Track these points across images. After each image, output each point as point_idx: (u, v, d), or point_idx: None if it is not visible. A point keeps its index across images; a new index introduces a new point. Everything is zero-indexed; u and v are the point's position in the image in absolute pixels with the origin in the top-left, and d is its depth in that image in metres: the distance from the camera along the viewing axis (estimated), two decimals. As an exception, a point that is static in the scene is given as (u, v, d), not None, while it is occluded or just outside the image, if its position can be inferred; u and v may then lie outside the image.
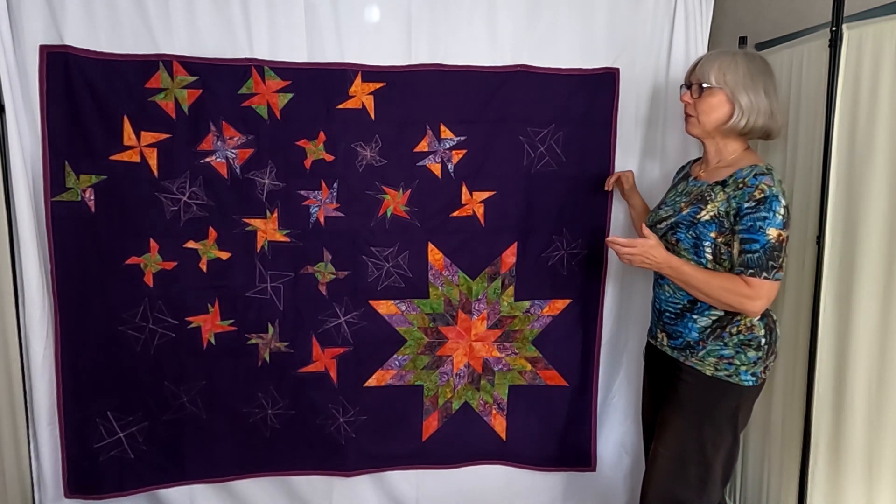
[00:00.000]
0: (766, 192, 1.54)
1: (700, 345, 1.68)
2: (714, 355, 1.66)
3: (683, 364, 1.71)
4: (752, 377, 1.65)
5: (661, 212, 1.80)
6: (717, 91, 1.64)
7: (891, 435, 1.62)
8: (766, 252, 1.53)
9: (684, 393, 1.70)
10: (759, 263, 1.54)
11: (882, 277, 1.62)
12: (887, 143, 1.59)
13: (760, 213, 1.53)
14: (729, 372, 1.65)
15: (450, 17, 2.12)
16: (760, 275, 1.54)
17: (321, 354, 2.24)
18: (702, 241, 1.63)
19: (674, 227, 1.69)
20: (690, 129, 1.73)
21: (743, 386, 1.65)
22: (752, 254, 1.55)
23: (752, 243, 1.55)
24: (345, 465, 2.30)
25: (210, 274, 2.14)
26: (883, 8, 1.62)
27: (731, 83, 1.62)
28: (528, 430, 2.37)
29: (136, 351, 2.14)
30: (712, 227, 1.61)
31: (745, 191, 1.56)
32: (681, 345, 1.72)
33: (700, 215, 1.64)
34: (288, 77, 2.08)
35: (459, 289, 2.27)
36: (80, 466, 2.18)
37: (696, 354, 1.68)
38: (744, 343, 1.64)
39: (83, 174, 2.04)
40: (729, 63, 1.63)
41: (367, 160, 2.16)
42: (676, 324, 1.73)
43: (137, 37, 2.00)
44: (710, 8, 2.17)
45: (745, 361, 1.64)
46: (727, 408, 1.66)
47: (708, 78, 1.65)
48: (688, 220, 1.66)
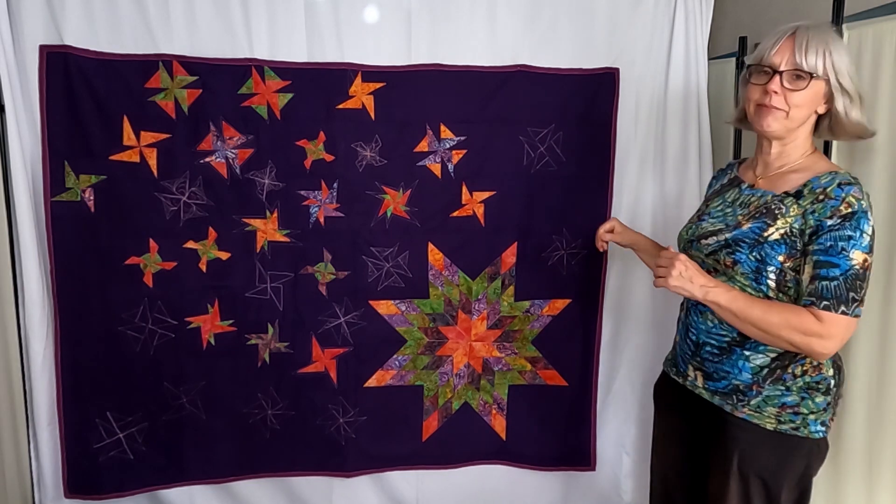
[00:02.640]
0: (853, 207, 1.26)
1: (753, 389, 1.37)
2: (773, 404, 1.36)
3: (731, 416, 1.39)
4: (822, 427, 1.36)
5: (704, 224, 1.49)
6: (817, 82, 1.32)
7: (891, 435, 1.62)
8: (847, 280, 1.24)
9: (740, 454, 1.37)
10: (838, 294, 1.24)
11: (882, 277, 1.62)
12: (887, 142, 1.59)
13: (845, 231, 1.25)
14: (796, 424, 1.35)
15: (450, 17, 2.11)
16: (837, 308, 1.24)
17: (321, 355, 2.24)
18: (766, 264, 1.33)
19: (730, 245, 1.38)
20: (772, 123, 1.36)
21: (813, 439, 1.35)
22: (830, 281, 1.25)
23: (830, 268, 1.25)
24: (345, 466, 2.30)
25: (210, 274, 2.14)
26: (883, 8, 1.62)
27: (839, 68, 1.31)
28: (528, 429, 2.37)
29: (135, 351, 2.14)
30: (781, 249, 1.32)
31: (828, 204, 1.27)
32: (725, 388, 1.41)
33: (767, 233, 1.33)
34: (288, 77, 2.07)
35: (459, 289, 2.27)
36: (80, 467, 2.17)
37: (749, 402, 1.37)
38: (811, 387, 1.35)
39: (83, 174, 2.04)
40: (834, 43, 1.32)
41: (367, 160, 2.16)
42: (721, 362, 1.41)
43: (137, 37, 2.00)
44: (710, 8, 2.18)
45: (813, 409, 1.35)
46: (797, 467, 1.36)
47: (815, 64, 1.30)
48: (751, 237, 1.35)
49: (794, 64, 1.32)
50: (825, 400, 1.36)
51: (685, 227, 1.58)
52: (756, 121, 1.40)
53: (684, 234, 1.56)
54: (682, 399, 1.54)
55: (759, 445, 1.36)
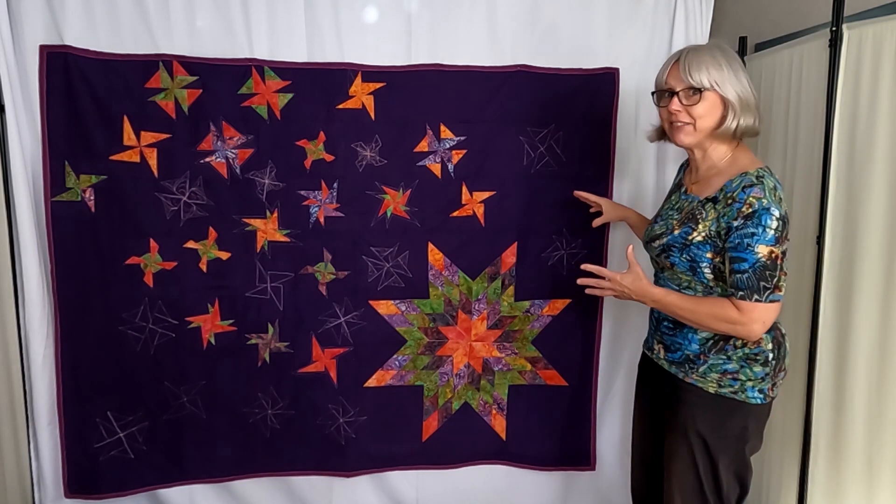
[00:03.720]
0: (754, 206, 1.40)
1: (701, 358, 1.54)
2: (717, 370, 1.53)
3: (683, 381, 1.57)
4: (759, 394, 1.52)
5: (655, 227, 1.67)
6: (708, 93, 1.48)
7: (891, 435, 1.62)
8: (755, 272, 1.40)
9: (687, 415, 1.55)
10: (749, 285, 1.41)
11: (882, 277, 1.62)
12: (887, 143, 1.59)
13: (748, 229, 1.40)
14: (734, 388, 1.51)
15: (450, 17, 2.12)
16: (751, 297, 1.41)
17: (321, 354, 2.24)
18: (698, 262, 1.51)
19: (666, 249, 1.57)
20: (685, 138, 1.54)
21: (750, 404, 1.51)
22: (741, 274, 1.42)
23: (740, 262, 1.42)
24: (345, 466, 2.30)
25: (210, 274, 2.14)
26: (883, 8, 1.62)
27: (720, 82, 1.48)
28: (528, 430, 2.37)
29: (136, 351, 2.14)
30: (706, 248, 1.49)
31: (734, 207, 1.42)
32: (679, 358, 1.59)
33: (692, 236, 1.51)
34: (288, 77, 2.08)
35: (459, 289, 2.27)
36: (80, 466, 2.18)
37: (697, 370, 1.55)
38: (749, 357, 1.51)
39: (83, 174, 2.04)
40: (711, 60, 1.49)
41: (367, 160, 2.16)
42: (675, 335, 1.61)
43: (137, 37, 2.00)
44: (710, 8, 2.18)
45: (750, 377, 1.51)
46: (735, 427, 1.52)
47: (700, 79, 1.48)
48: (680, 241, 1.54)
49: (684, 83, 1.50)
50: (763, 370, 1.52)
51: (646, 228, 1.75)
52: (672, 137, 1.59)
53: (644, 237, 1.73)
54: (652, 372, 1.72)
55: (702, 406, 1.54)
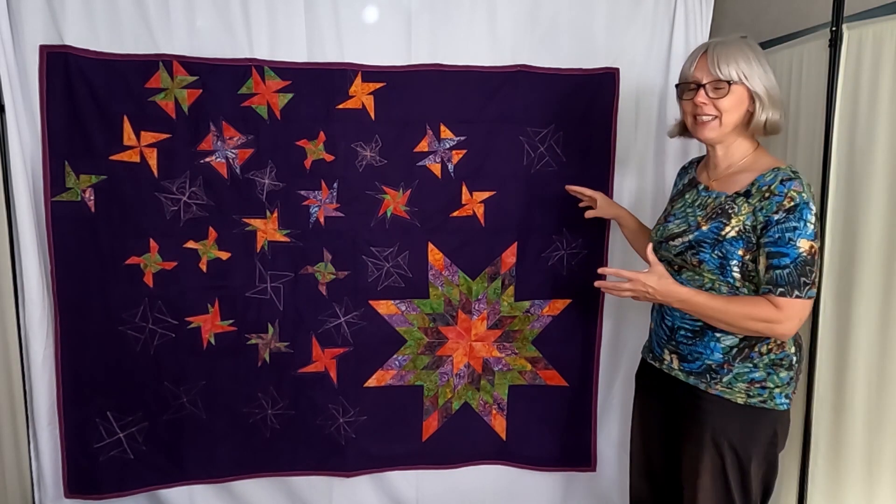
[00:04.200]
0: (796, 200, 1.37)
1: (725, 368, 1.48)
2: (743, 380, 1.47)
3: (705, 392, 1.50)
4: (786, 400, 1.49)
5: (670, 226, 1.60)
6: (737, 87, 1.47)
7: (891, 435, 1.62)
8: (797, 267, 1.37)
9: (713, 427, 1.48)
10: (790, 280, 1.37)
11: (882, 277, 1.62)
12: (887, 143, 1.59)
13: (790, 222, 1.37)
14: (763, 397, 1.47)
15: (450, 17, 2.12)
16: (791, 293, 1.37)
17: (321, 355, 2.24)
18: (728, 260, 1.46)
19: (694, 246, 1.51)
20: (709, 133, 1.52)
21: (778, 410, 1.48)
22: (782, 269, 1.37)
23: (780, 258, 1.38)
24: (345, 466, 2.30)
25: (210, 274, 2.14)
26: (883, 8, 1.62)
27: (748, 75, 1.46)
28: (528, 430, 2.37)
29: (135, 351, 2.14)
30: (739, 245, 1.45)
31: (774, 200, 1.39)
32: (699, 369, 1.52)
33: (724, 232, 1.46)
34: (288, 77, 2.08)
35: (459, 289, 2.27)
36: (80, 466, 2.18)
37: (721, 380, 1.49)
38: (775, 363, 1.47)
39: (83, 174, 2.04)
40: (740, 53, 1.46)
41: (367, 160, 2.16)
42: (695, 344, 1.53)
43: (137, 37, 2.00)
44: (710, 8, 2.18)
45: (778, 383, 1.47)
46: (765, 437, 1.48)
47: (728, 73, 1.46)
48: (711, 237, 1.48)
49: (712, 75, 1.48)
50: (788, 375, 1.49)
51: (654, 227, 1.70)
52: (695, 132, 1.56)
53: (654, 235, 1.67)
54: (658, 381, 1.65)
55: (730, 418, 1.48)
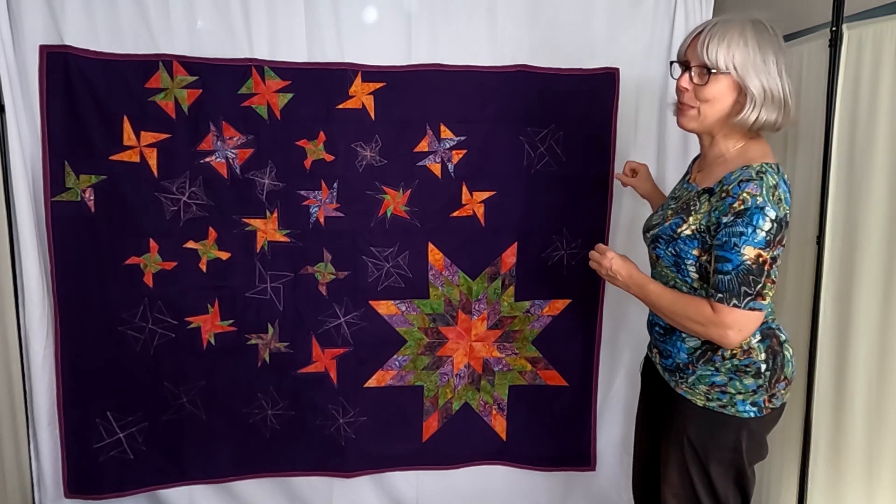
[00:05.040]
0: (747, 204, 1.27)
1: (689, 368, 1.45)
2: (705, 382, 1.43)
3: (674, 391, 1.49)
4: (752, 407, 1.41)
5: (653, 218, 1.56)
6: (723, 76, 1.33)
7: (891, 435, 1.62)
8: (738, 275, 1.28)
9: (679, 426, 1.47)
10: (730, 288, 1.29)
11: (882, 277, 1.62)
12: (887, 143, 1.59)
13: (737, 227, 1.27)
14: (723, 402, 1.41)
15: (450, 17, 2.12)
16: (730, 301, 1.29)
17: (321, 355, 2.24)
18: (683, 259, 1.40)
19: (655, 240, 1.47)
20: (686, 122, 1.41)
21: (741, 418, 1.41)
22: (724, 275, 1.30)
23: (724, 262, 1.29)
24: (345, 466, 2.30)
25: (210, 274, 2.14)
26: (883, 8, 1.62)
27: (739, 65, 1.31)
28: (528, 430, 2.37)
29: (135, 351, 2.14)
30: (694, 244, 1.37)
31: (727, 201, 1.30)
32: (671, 366, 1.50)
33: (681, 229, 1.39)
34: (288, 77, 2.07)
35: (459, 289, 2.27)
36: (80, 466, 2.17)
37: (686, 380, 1.46)
38: (738, 369, 1.41)
39: (83, 174, 2.04)
40: (737, 38, 1.31)
41: (367, 160, 2.16)
42: (666, 341, 1.52)
43: (137, 37, 2.00)
44: (710, 8, 2.18)
45: (740, 390, 1.41)
46: (727, 442, 1.43)
47: (714, 59, 1.32)
48: (668, 233, 1.42)
49: (698, 59, 1.35)
50: (755, 382, 1.41)
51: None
52: (676, 118, 1.45)
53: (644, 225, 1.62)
54: (652, 376, 1.64)
55: (691, 419, 1.45)
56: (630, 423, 2.37)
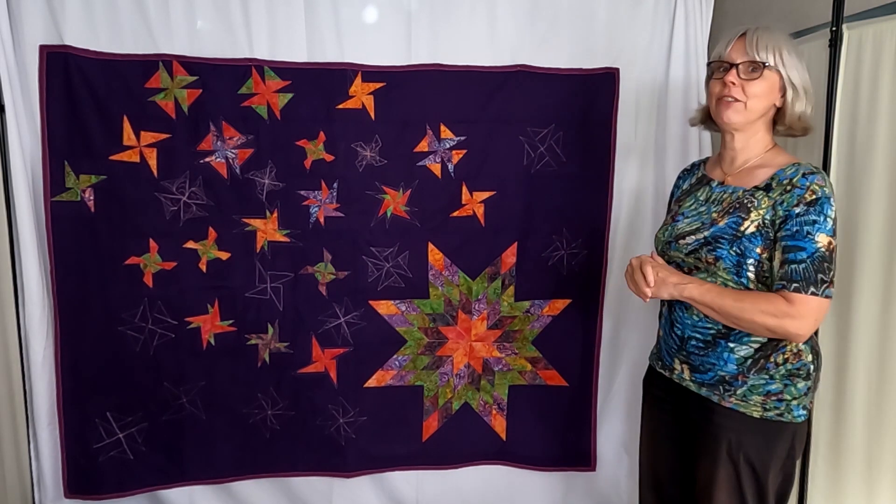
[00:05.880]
0: (817, 194, 1.31)
1: (739, 380, 1.40)
2: (759, 392, 1.39)
3: (718, 405, 1.43)
4: (803, 411, 1.40)
5: (680, 225, 1.52)
6: (770, 73, 1.39)
7: (891, 435, 1.62)
8: (814, 262, 1.29)
9: (729, 442, 1.41)
10: (807, 276, 1.29)
11: (882, 277, 1.62)
12: (887, 143, 1.59)
13: (810, 216, 1.30)
14: (780, 410, 1.39)
15: (450, 17, 2.12)
16: (807, 290, 1.29)
17: (321, 355, 2.24)
18: (745, 258, 1.38)
19: (710, 242, 1.42)
20: (733, 115, 1.42)
21: (796, 423, 1.40)
22: (798, 264, 1.30)
23: (797, 251, 1.30)
24: (345, 466, 2.30)
25: (210, 274, 2.14)
26: (883, 8, 1.62)
27: (787, 63, 1.39)
28: (528, 430, 2.37)
29: (135, 351, 2.14)
30: (758, 241, 1.37)
31: (795, 193, 1.32)
32: (711, 380, 1.44)
33: (743, 226, 1.38)
34: (288, 77, 2.08)
35: (459, 289, 2.27)
36: (80, 467, 2.17)
37: (735, 392, 1.41)
38: (792, 374, 1.39)
39: (83, 174, 2.04)
40: (781, 39, 1.40)
41: (367, 160, 2.15)
42: (707, 354, 1.45)
43: (137, 37, 2.00)
44: (710, 8, 2.18)
45: (795, 395, 1.39)
46: (782, 450, 1.40)
47: (766, 56, 1.38)
48: (729, 233, 1.40)
49: (748, 56, 1.40)
50: (806, 385, 1.41)
51: (660, 229, 1.62)
52: (718, 114, 1.46)
53: (661, 236, 1.59)
54: (669, 391, 1.57)
55: (746, 433, 1.40)
56: (630, 422, 2.38)
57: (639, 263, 1.46)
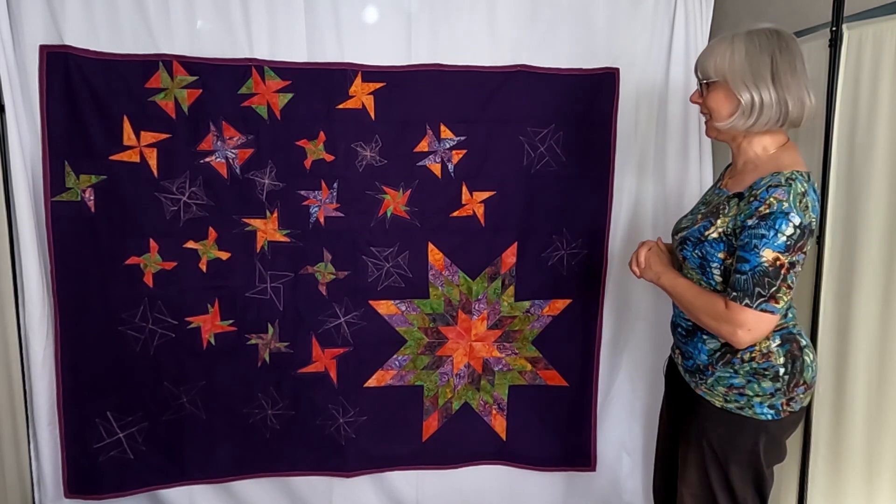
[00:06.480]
0: (772, 208, 1.30)
1: (709, 370, 1.48)
2: (723, 384, 1.46)
3: (695, 392, 1.52)
4: (770, 409, 1.43)
5: (683, 221, 1.59)
6: (718, 85, 1.41)
7: (891, 435, 1.62)
8: (754, 276, 1.31)
9: (698, 427, 1.49)
10: (745, 288, 1.32)
11: (882, 277, 1.62)
12: (887, 143, 1.59)
13: (759, 230, 1.31)
14: (740, 404, 1.44)
15: (450, 17, 2.12)
16: (742, 301, 1.33)
17: (321, 355, 2.24)
18: (709, 261, 1.43)
19: (683, 242, 1.50)
20: (707, 132, 1.51)
21: (759, 420, 1.43)
22: (741, 275, 1.33)
23: (742, 263, 1.33)
24: (345, 466, 2.30)
25: (210, 274, 2.14)
26: (883, 8, 1.62)
27: (728, 73, 1.39)
28: (528, 430, 2.37)
29: (135, 351, 2.14)
30: (720, 247, 1.41)
31: (753, 205, 1.33)
32: (691, 367, 1.53)
33: (708, 232, 1.43)
34: (288, 77, 2.08)
35: (459, 289, 2.27)
36: (80, 466, 2.17)
37: (706, 382, 1.48)
38: (757, 372, 1.43)
39: (83, 174, 2.04)
40: (724, 49, 1.40)
41: (367, 160, 2.16)
42: (687, 343, 1.54)
43: (137, 37, 2.00)
44: (710, 8, 2.18)
45: (758, 392, 1.43)
46: (745, 444, 1.45)
47: (706, 70, 1.43)
48: (695, 236, 1.46)
49: (698, 73, 1.47)
50: (773, 385, 1.43)
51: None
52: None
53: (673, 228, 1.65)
54: (674, 377, 1.66)
55: (709, 420, 1.48)
56: (630, 422, 2.39)
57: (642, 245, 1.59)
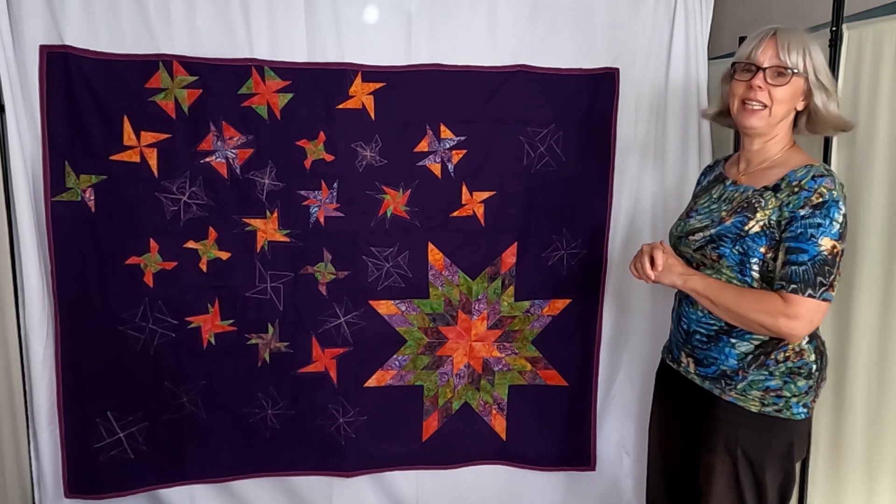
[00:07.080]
0: (825, 197, 1.31)
1: (739, 374, 1.43)
2: (758, 387, 1.42)
3: (720, 399, 1.46)
4: (803, 409, 1.42)
5: (692, 221, 1.55)
6: (798, 78, 1.39)
7: (891, 435, 1.62)
8: (815, 265, 1.30)
9: (726, 434, 1.44)
10: (806, 278, 1.30)
11: (882, 277, 1.62)
12: (887, 142, 1.59)
13: (815, 218, 1.31)
14: (779, 406, 1.41)
15: (450, 17, 2.11)
16: (805, 291, 1.30)
17: (321, 355, 2.24)
18: (749, 257, 1.40)
19: (715, 240, 1.45)
20: (755, 121, 1.42)
21: (794, 420, 1.42)
22: (798, 266, 1.31)
23: (799, 254, 1.31)
24: (345, 466, 2.30)
25: (210, 274, 2.14)
26: (883, 8, 1.62)
27: (817, 65, 1.38)
28: (528, 430, 2.37)
29: (135, 351, 2.14)
30: (762, 241, 1.38)
31: (802, 195, 1.33)
32: (714, 374, 1.47)
33: (748, 226, 1.39)
34: (288, 77, 2.07)
35: (459, 289, 2.27)
36: (80, 466, 2.17)
37: (735, 387, 1.44)
38: (793, 371, 1.41)
39: (83, 174, 2.04)
40: (810, 42, 1.39)
41: (367, 160, 2.16)
42: (710, 349, 1.48)
43: (137, 37, 2.00)
44: (710, 8, 2.18)
45: (795, 392, 1.40)
46: (780, 446, 1.42)
47: (796, 61, 1.37)
48: (734, 232, 1.42)
49: (778, 61, 1.39)
50: (807, 384, 1.42)
51: (675, 223, 1.65)
52: (740, 118, 1.46)
53: (674, 231, 1.62)
54: (676, 384, 1.61)
55: (743, 426, 1.43)
56: (630, 422, 2.39)
57: (649, 249, 1.48)
